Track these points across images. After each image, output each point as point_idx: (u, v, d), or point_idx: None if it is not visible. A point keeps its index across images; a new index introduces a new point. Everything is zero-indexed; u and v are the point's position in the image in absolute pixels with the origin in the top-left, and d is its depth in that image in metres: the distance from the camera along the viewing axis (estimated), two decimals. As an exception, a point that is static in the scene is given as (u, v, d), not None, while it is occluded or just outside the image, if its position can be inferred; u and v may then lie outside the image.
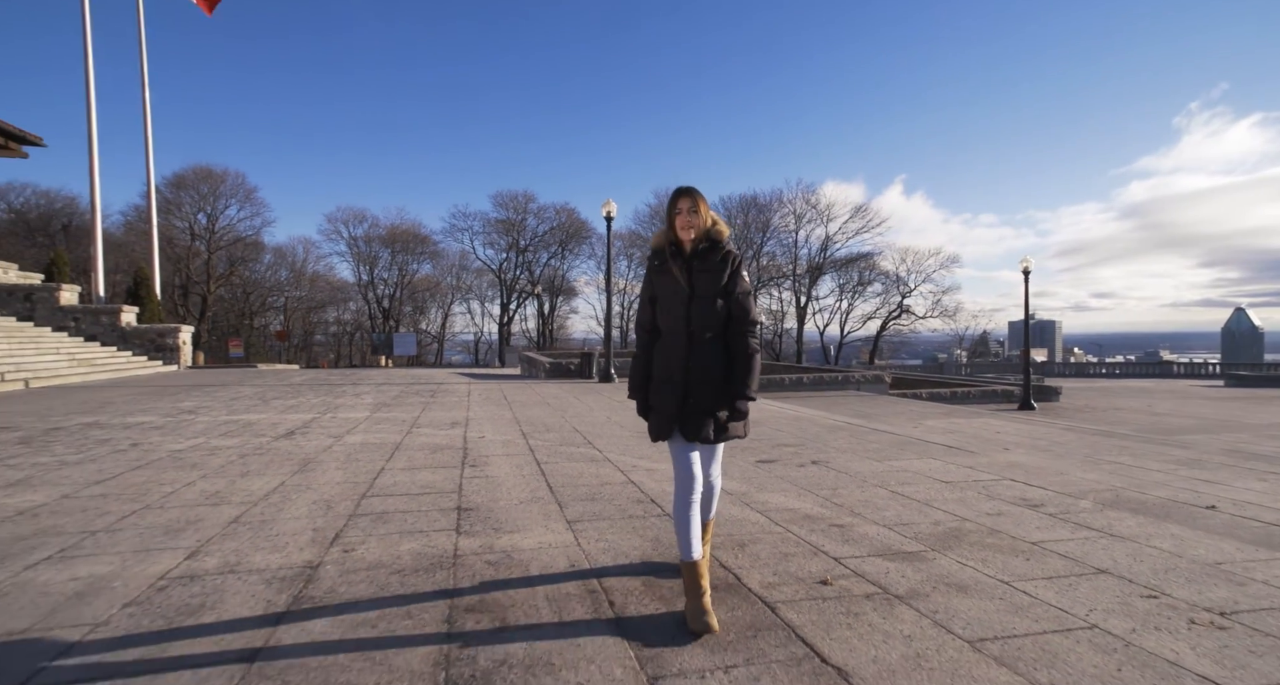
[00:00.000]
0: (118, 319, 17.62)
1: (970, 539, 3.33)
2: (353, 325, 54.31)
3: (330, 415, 8.21)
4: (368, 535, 3.30)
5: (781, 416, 8.71)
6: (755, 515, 3.75)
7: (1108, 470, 5.27)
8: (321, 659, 2.03)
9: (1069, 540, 3.32)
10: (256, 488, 4.30)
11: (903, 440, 6.74)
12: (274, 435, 6.54)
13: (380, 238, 50.58)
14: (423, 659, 2.03)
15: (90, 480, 4.48)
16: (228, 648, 2.09)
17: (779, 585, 2.68)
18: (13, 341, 13.84)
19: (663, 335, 2.45)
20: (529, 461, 5.29)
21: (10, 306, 16.41)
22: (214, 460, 5.23)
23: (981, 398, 18.25)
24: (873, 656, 2.08)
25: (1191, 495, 4.37)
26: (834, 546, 3.19)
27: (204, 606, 2.42)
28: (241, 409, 8.82)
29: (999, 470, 5.18)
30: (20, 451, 5.54)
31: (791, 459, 5.55)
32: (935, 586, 2.68)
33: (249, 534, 3.31)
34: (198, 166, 44.66)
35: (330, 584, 2.65)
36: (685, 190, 2.37)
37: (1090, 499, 4.21)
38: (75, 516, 3.60)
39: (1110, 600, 2.54)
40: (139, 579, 2.69)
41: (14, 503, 3.87)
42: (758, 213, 47.49)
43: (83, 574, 2.74)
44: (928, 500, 4.15)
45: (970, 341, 56.77)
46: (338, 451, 5.66)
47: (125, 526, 3.42)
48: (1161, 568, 2.92)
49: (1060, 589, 2.66)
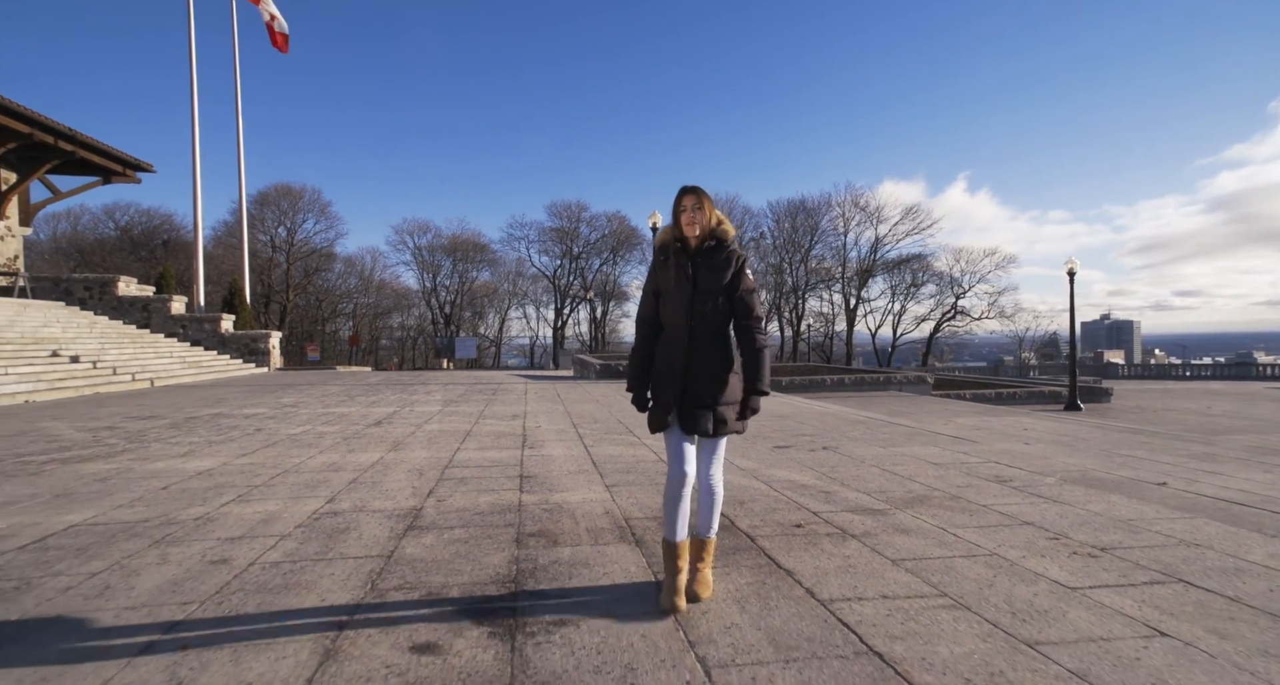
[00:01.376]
0: (218, 326, 19.76)
1: (932, 502, 4.07)
2: (415, 330, 57.19)
3: (408, 409, 9.43)
4: (453, 491, 4.32)
5: (809, 412, 9.41)
6: (759, 484, 4.58)
7: (1101, 459, 5.81)
8: (434, 559, 3.01)
9: (1015, 504, 4.02)
10: (362, 460, 5.41)
11: (913, 432, 7.37)
12: (365, 423, 7.75)
13: (443, 247, 53.18)
14: (501, 558, 2.99)
15: (236, 454, 5.70)
16: (367, 553, 3.10)
17: (762, 527, 3.52)
18: (137, 346, 15.91)
19: (666, 330, 2.50)
20: (577, 444, 6.26)
21: (131, 315, 18.71)
22: (324, 441, 6.42)
23: (1028, 399, 18.20)
24: (815, 566, 2.91)
25: (1155, 476, 4.93)
26: (815, 505, 4.00)
27: (348, 529, 3.46)
28: (333, 403, 10.18)
29: (989, 456, 5.81)
30: (174, 433, 6.89)
31: (805, 445, 6.32)
32: (884, 530, 3.46)
33: (365, 490, 4.37)
34: (279, 184, 48.23)
35: (431, 519, 3.65)
36: (691, 189, 2.43)
37: (1056, 477, 4.85)
38: (237, 476, 4.77)
39: (1019, 540, 3.27)
40: (299, 513, 3.77)
41: (191, 467, 5.10)
42: (806, 216, 47.59)
43: (260, 510, 3.84)
44: (911, 476, 4.87)
45: (1033, 343, 54.82)
46: (420, 436, 6.78)
47: (276, 483, 4.55)
48: (1079, 522, 3.61)
49: (984, 533, 3.40)
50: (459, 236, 53.54)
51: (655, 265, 2.55)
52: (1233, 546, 3.18)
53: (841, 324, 47.80)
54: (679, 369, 2.42)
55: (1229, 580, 2.73)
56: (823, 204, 47.91)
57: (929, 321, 46.10)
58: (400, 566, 2.87)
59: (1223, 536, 3.35)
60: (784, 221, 47.37)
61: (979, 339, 59.15)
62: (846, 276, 46.32)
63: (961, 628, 2.26)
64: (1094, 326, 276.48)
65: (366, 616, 2.35)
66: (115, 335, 16.27)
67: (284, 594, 2.55)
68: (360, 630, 2.23)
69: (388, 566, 2.87)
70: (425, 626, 2.26)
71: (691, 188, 2.43)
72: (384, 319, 57.12)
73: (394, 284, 55.46)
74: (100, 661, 2.01)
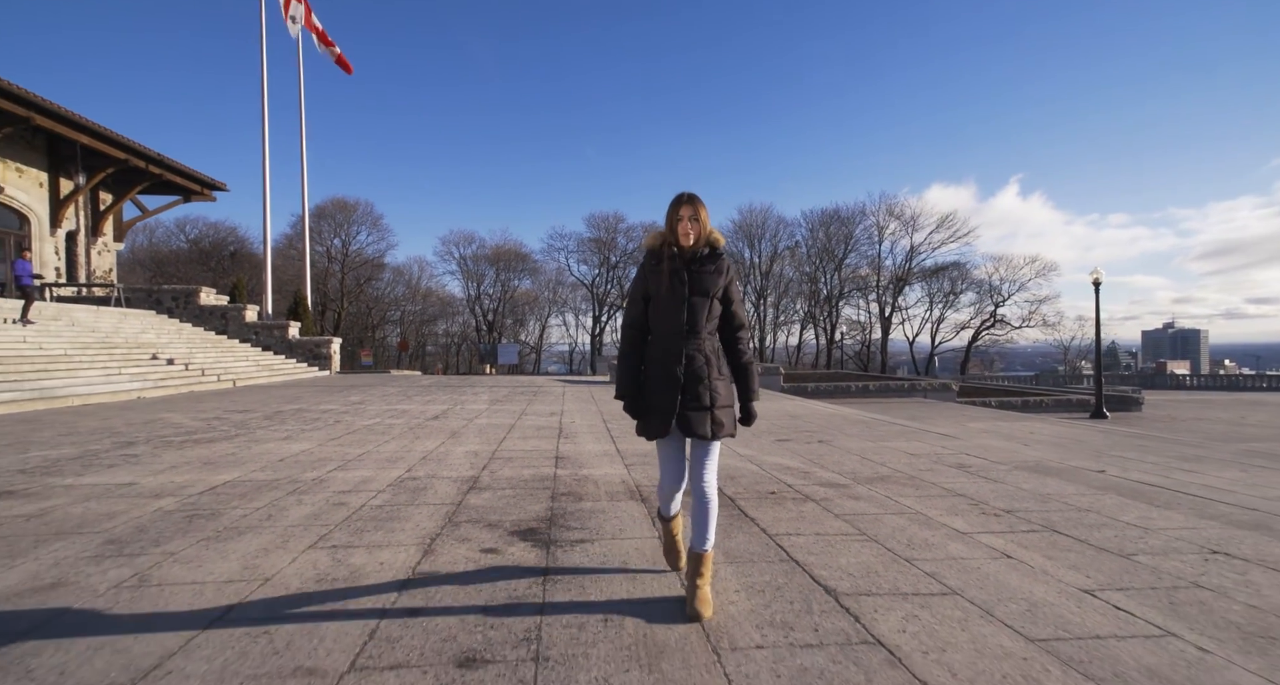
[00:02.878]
0: (286, 333, 21.61)
1: (891, 480, 4.95)
2: (459, 337, 59.43)
3: (459, 407, 10.64)
4: (502, 467, 5.40)
5: (819, 413, 10.24)
6: (752, 466, 5.52)
7: (1081, 457, 6.53)
8: (491, 506, 4.07)
9: (959, 483, 4.86)
10: (427, 446, 6.56)
11: (907, 430, 8.16)
12: (425, 418, 8.96)
13: (486, 257, 55.31)
14: (540, 507, 4.03)
15: (325, 439, 6.93)
16: (442, 502, 4.17)
17: (743, 493, 4.48)
18: (218, 350, 17.72)
19: (658, 336, 2.50)
20: (605, 436, 7.29)
21: (211, 323, 20.68)
22: (393, 431, 7.62)
23: (1055, 407, 18.43)
24: (774, 516, 3.85)
25: (1100, 466, 5.67)
26: (792, 480, 4.93)
27: (426, 488, 4.56)
28: (394, 401, 11.49)
29: (963, 449, 6.60)
30: (270, 423, 8.21)
31: (804, 439, 7.21)
32: (839, 497, 4.37)
33: (434, 465, 5.49)
34: (335, 198, 51.10)
35: (487, 484, 4.73)
36: (687, 197, 2.46)
37: (1011, 465, 5.64)
38: (332, 454, 5.96)
39: (945, 506, 4.14)
40: (387, 478, 4.89)
41: (294, 447, 6.33)
42: (840, 225, 47.88)
43: (357, 476, 4.98)
44: (884, 463, 5.73)
45: (1079, 352, 53.48)
46: (472, 428, 7.93)
47: (364, 459, 5.72)
48: (1004, 495, 4.45)
49: (919, 501, 4.27)
50: (502, 246, 55.63)
51: (645, 270, 2.54)
52: (1116, 512, 3.99)
53: (876, 332, 47.79)
54: (675, 374, 2.42)
55: (1090, 531, 3.56)
56: (856, 213, 48.23)
57: (969, 329, 45.74)
58: (467, 510, 3.94)
59: (1115, 506, 4.16)
60: (818, 230, 47.84)
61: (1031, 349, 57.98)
62: (881, 285, 46.36)
63: (864, 550, 3.19)
64: (1157, 335, 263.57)
65: (448, 535, 3.41)
66: (199, 341, 18.14)
67: (390, 522, 3.64)
68: (445, 541, 3.30)
69: (458, 510, 3.94)
70: (488, 541, 3.31)
71: (689, 196, 2.46)
72: (429, 326, 59.57)
73: (439, 292, 57.89)
74: (280, 552, 3.12)
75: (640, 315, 2.56)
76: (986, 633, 2.28)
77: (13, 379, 10.14)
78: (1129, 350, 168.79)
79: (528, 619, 2.36)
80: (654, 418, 2.46)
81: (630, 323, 2.58)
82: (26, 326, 13.08)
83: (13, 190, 20.21)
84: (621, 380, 2.58)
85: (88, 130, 19.69)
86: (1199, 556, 3.14)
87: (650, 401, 2.49)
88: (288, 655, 2.08)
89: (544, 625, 2.31)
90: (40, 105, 17.69)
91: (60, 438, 6.86)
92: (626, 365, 2.57)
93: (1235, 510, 4.09)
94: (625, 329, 2.60)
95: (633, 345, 2.58)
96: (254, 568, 2.88)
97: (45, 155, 21.40)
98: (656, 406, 2.46)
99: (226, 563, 2.94)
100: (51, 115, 18.34)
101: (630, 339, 2.59)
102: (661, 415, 2.44)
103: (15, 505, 3.98)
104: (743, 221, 50.98)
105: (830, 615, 2.41)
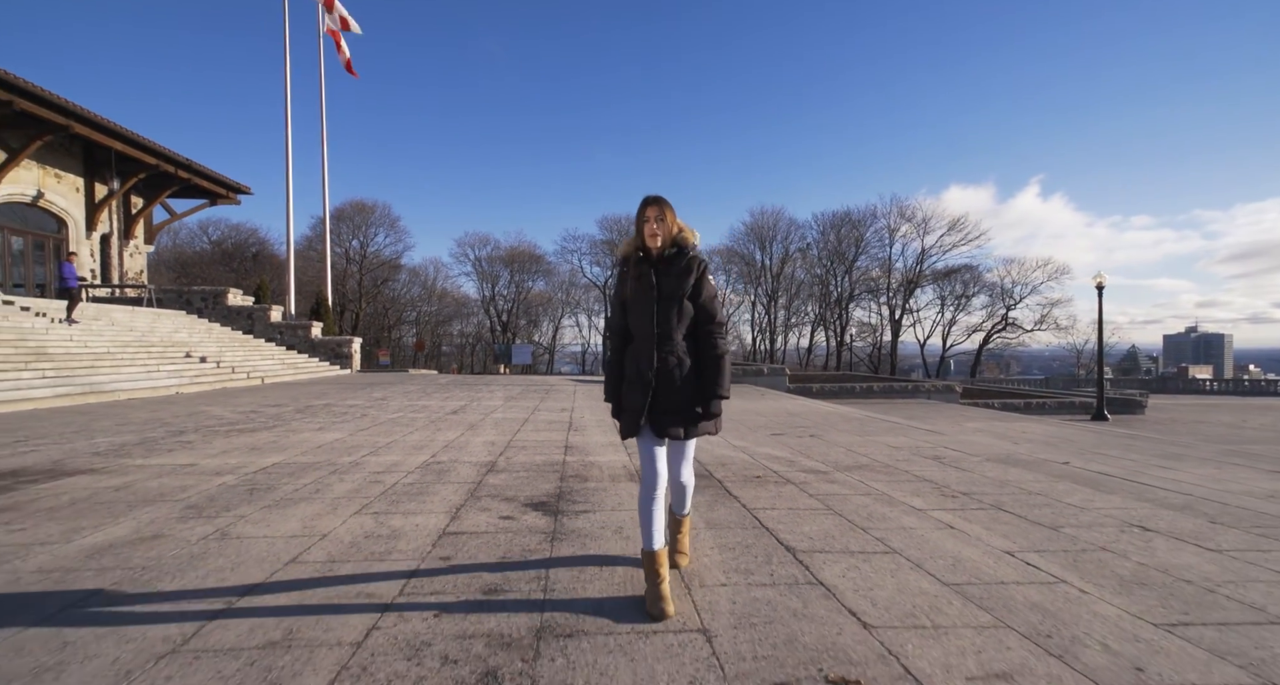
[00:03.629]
0: (309, 333, 22.43)
1: (868, 468, 5.45)
2: (474, 337, 60.37)
3: (476, 403, 11.26)
4: (516, 454, 5.97)
5: (816, 411, 10.73)
6: (743, 455, 6.05)
7: (1056, 450, 6.98)
8: (507, 485, 4.64)
9: (929, 471, 5.35)
10: (449, 436, 7.15)
11: (896, 427, 8.63)
12: (444, 412, 9.57)
13: (501, 258, 56.18)
14: (550, 486, 4.59)
15: (355, 429, 7.55)
16: (465, 481, 4.75)
17: (730, 477, 5.01)
18: (246, 349, 18.53)
19: (634, 339, 2.55)
20: (612, 429, 7.85)
21: (238, 323, 21.54)
22: (416, 423, 8.23)
23: (1058, 409, 18.71)
24: (754, 494, 4.38)
25: (1068, 460, 6.12)
26: (778, 467, 5.45)
27: (449, 470, 5.14)
28: (415, 398, 12.13)
29: (944, 443, 7.07)
30: (302, 416, 8.86)
31: (797, 433, 7.71)
32: (817, 481, 4.89)
33: (455, 452, 6.08)
34: (354, 200, 52.22)
35: (503, 467, 5.30)
36: (653, 199, 2.47)
37: (982, 457, 6.11)
38: (363, 442, 6.57)
39: (910, 489, 4.65)
40: (414, 462, 5.48)
41: (327, 437, 6.95)
42: (850, 228, 48.12)
43: (388, 460, 5.58)
44: (866, 453, 6.23)
45: (1111, 356, 53.18)
46: (489, 422, 8.52)
47: (392, 446, 6.32)
48: (967, 481, 4.94)
49: (889, 485, 4.78)
50: (516, 248, 56.46)
51: (620, 277, 2.59)
52: (1062, 495, 4.48)
53: (889, 335, 47.96)
54: (648, 375, 2.46)
55: (1031, 509, 4.06)
56: (867, 215, 48.43)
57: (980, 332, 45.80)
58: (487, 488, 4.51)
59: (1065, 491, 4.64)
60: (829, 233, 48.11)
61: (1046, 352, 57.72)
62: (892, 288, 46.57)
63: (826, 521, 3.71)
64: (1179, 340, 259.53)
65: (471, 505, 3.98)
66: (228, 340, 18.97)
67: (420, 496, 4.22)
68: (469, 510, 3.87)
69: (478, 488, 4.51)
70: (506, 510, 3.88)
71: (654, 198, 2.48)
72: (445, 326, 60.58)
73: (454, 293, 58.85)
74: (331, 516, 3.70)
75: (621, 322, 2.63)
76: (911, 579, 2.80)
77: (65, 374, 10.91)
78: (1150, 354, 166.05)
79: (539, 565, 2.92)
80: (626, 418, 2.53)
81: (612, 330, 2.69)
82: (72, 326, 13.90)
83: (51, 195, 21.19)
84: (607, 385, 2.68)
85: (122, 137, 20.61)
86: (1117, 529, 3.63)
87: (625, 403, 2.55)
88: (349, 585, 2.65)
89: (551, 568, 2.87)
90: (79, 114, 18.60)
91: (118, 427, 7.54)
92: (611, 371, 2.66)
93: (1172, 495, 4.56)
94: (609, 335, 2.71)
95: (616, 351, 2.67)
96: (312, 527, 3.47)
97: (81, 161, 22.38)
98: (629, 407, 2.52)
99: (289, 523, 3.54)
100: (89, 123, 19.26)
101: (613, 346, 2.69)
102: (632, 415, 2.49)
103: (102, 480, 4.62)
104: (754, 223, 51.40)
105: (785, 566, 2.95)
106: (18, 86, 16.25)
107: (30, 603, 2.48)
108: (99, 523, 3.53)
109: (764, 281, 50.51)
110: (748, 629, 2.29)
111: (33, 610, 2.41)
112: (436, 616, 2.37)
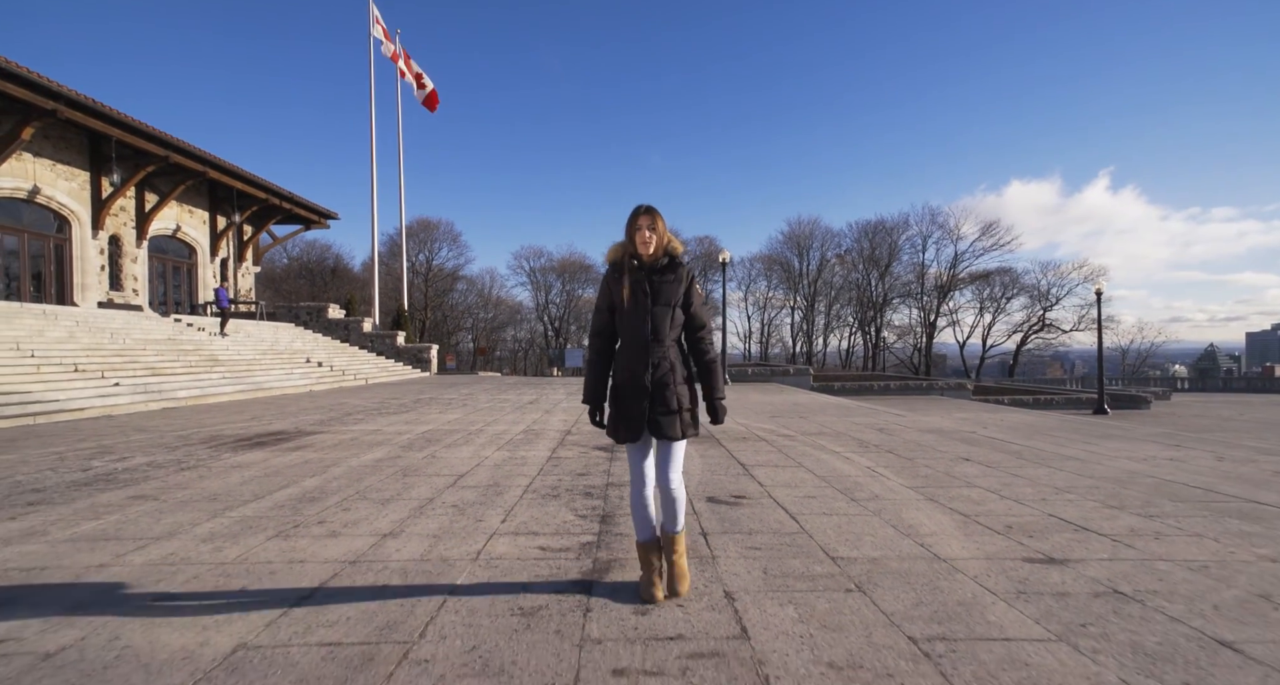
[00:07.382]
0: (395, 340, 25.93)
1: (824, 434, 7.85)
2: (527, 342, 64.08)
3: (544, 397, 14.04)
4: (583, 425, 8.61)
5: (819, 403, 13.06)
6: (741, 427, 8.52)
7: (1008, 432, 9.19)
8: (579, 441, 7.29)
9: (870, 436, 7.71)
10: (534, 416, 9.88)
11: (874, 412, 10.90)
12: (523, 403, 12.37)
13: (553, 269, 59.70)
14: (606, 441, 7.21)
15: (467, 413, 10.37)
16: (553, 437, 7.41)
17: (726, 437, 7.51)
18: (347, 356, 22.01)
19: (624, 344, 2.61)
20: (651, 414, 10.45)
21: (336, 333, 25.20)
22: (506, 408, 11.02)
23: (1064, 405, 20.22)
24: (739, 447, 6.89)
25: (1015, 438, 8.36)
26: (761, 433, 7.91)
27: (542, 433, 7.82)
28: (495, 393, 15.03)
29: (903, 423, 9.34)
30: (421, 405, 11.79)
31: (790, 416, 10.12)
32: (782, 440, 7.34)
33: (542, 424, 8.76)
34: (420, 218, 56.63)
35: (575, 432, 7.94)
36: (645, 209, 2.57)
37: (918, 430, 8.41)
38: (476, 419, 9.34)
39: (841, 443, 7.05)
40: (517, 430, 8.20)
41: (449, 417, 9.78)
42: (884, 235, 49.45)
43: (499, 429, 8.32)
44: (831, 428, 8.62)
45: (1139, 355, 52.60)
46: (559, 408, 11.25)
47: (496, 422, 9.07)
48: (897, 444, 7.29)
49: (835, 442, 7.18)
50: (568, 259, 59.90)
51: (608, 281, 2.63)
52: (946, 448, 6.80)
53: (922, 338, 48.95)
54: (644, 382, 2.52)
55: (915, 454, 6.42)
56: (900, 223, 49.69)
57: (1019, 333, 46.35)
58: (567, 440, 7.17)
59: (951, 446, 6.95)
60: (863, 240, 49.65)
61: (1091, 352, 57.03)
62: (925, 292, 47.67)
63: (773, 456, 6.19)
64: (1264, 337, 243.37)
65: (560, 447, 6.63)
66: (332, 348, 22.51)
67: (528, 444, 6.90)
68: (561, 448, 6.52)
69: (563, 441, 7.16)
70: (581, 449, 6.52)
71: (646, 208, 2.57)
72: (499, 332, 64.55)
73: (509, 300, 62.71)
74: (482, 451, 6.42)
75: (606, 325, 2.67)
76: (803, 477, 5.28)
77: (234, 376, 14.26)
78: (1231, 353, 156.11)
79: (603, 472, 5.53)
80: (625, 424, 2.55)
81: (596, 333, 2.69)
82: (225, 338, 17.46)
83: (186, 228, 25.33)
84: (587, 387, 2.70)
85: (242, 178, 24.54)
86: (950, 461, 5.98)
87: (620, 409, 2.58)
88: (513, 471, 5.33)
89: (610, 471, 5.48)
90: (213, 161, 22.49)
91: (302, 410, 10.60)
92: (594, 373, 2.68)
93: (1034, 452, 6.82)
94: (592, 338, 2.70)
95: (599, 353, 2.70)
96: (476, 456, 6.19)
97: (208, 198, 26.55)
98: (627, 413, 2.55)
99: (464, 452, 6.28)
100: (218, 168, 23.18)
101: (597, 348, 2.70)
102: (632, 422, 2.54)
103: (338, 436, 7.51)
104: (791, 232, 53.27)
105: (737, 472, 5.47)
106: (173, 144, 20.11)
107: (373, 470, 5.26)
108: (361, 452, 6.35)
109: (802, 287, 52.25)
110: (707, 486, 4.85)
111: (383, 472, 5.18)
112: (554, 486, 5.02)
